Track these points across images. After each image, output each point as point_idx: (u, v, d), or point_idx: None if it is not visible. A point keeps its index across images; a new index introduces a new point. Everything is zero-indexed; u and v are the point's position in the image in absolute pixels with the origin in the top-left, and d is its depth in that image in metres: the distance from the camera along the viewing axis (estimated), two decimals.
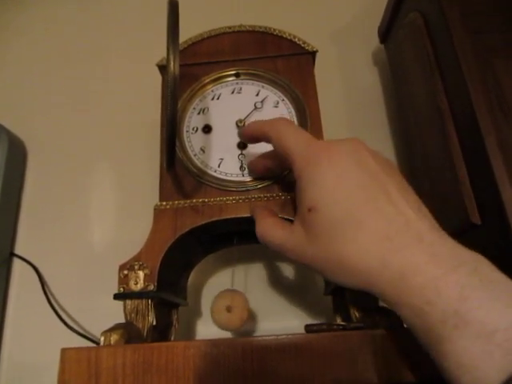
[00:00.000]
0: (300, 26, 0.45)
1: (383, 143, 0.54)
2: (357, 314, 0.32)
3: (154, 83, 0.44)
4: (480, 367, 0.19)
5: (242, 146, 0.36)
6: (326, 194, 0.25)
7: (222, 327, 0.39)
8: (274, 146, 0.30)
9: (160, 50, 0.39)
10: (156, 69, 0.41)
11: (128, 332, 0.30)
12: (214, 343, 0.27)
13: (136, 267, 0.33)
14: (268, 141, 0.31)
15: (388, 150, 0.54)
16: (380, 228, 0.24)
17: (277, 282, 0.48)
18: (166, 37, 0.29)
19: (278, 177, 0.35)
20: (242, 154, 0.36)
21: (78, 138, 0.58)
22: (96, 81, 0.62)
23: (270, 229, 0.29)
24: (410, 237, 0.23)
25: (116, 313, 0.33)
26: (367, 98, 0.57)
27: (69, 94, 0.61)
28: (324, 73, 0.41)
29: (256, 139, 0.32)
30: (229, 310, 0.37)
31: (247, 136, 0.33)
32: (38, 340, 0.48)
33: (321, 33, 0.59)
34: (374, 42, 0.56)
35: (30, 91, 0.62)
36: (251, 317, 0.41)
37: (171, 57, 0.25)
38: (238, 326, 0.38)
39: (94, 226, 0.53)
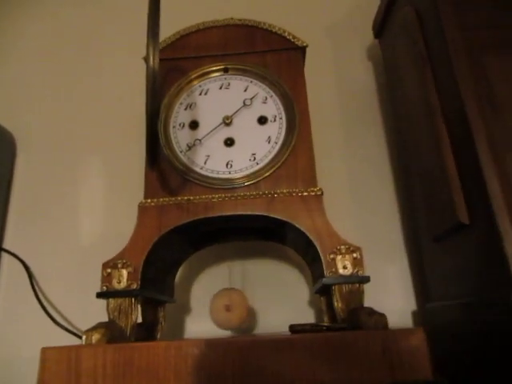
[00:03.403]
0: (294, 19, 0.44)
1: (376, 138, 0.54)
2: (342, 314, 0.31)
3: (143, 78, 0.43)
4: None
5: (228, 143, 0.36)
6: None
7: (222, 327, 0.39)
8: None
9: None
10: None
11: (110, 331, 0.30)
12: (195, 344, 0.27)
13: (119, 265, 0.32)
14: None
15: (381, 146, 0.53)
16: None
17: (268, 279, 0.48)
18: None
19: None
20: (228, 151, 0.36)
21: (68, 131, 0.57)
22: (86, 75, 0.61)
23: None
24: None
25: (104, 309, 0.32)
26: (361, 93, 0.56)
27: (59, 88, 0.60)
28: (318, 67, 0.41)
29: None
30: (227, 309, 0.37)
31: None
32: (26, 335, 0.48)
33: (315, 27, 0.58)
34: (369, 36, 0.55)
35: (19, 84, 0.61)
36: (251, 315, 0.40)
37: (150, 51, 0.25)
38: (238, 324, 0.38)
39: (84, 221, 0.53)
